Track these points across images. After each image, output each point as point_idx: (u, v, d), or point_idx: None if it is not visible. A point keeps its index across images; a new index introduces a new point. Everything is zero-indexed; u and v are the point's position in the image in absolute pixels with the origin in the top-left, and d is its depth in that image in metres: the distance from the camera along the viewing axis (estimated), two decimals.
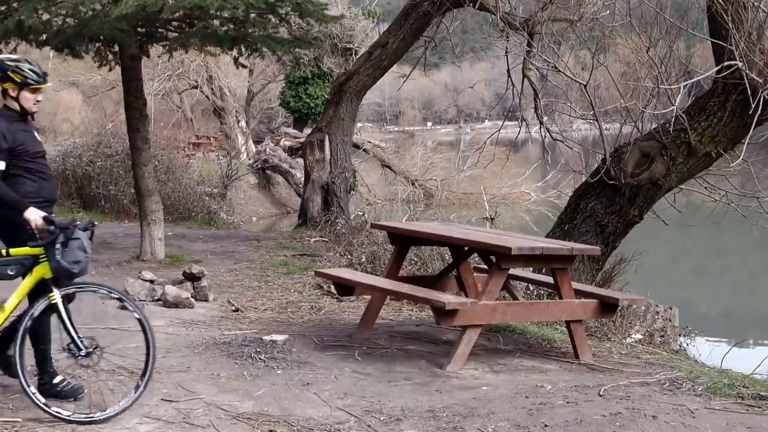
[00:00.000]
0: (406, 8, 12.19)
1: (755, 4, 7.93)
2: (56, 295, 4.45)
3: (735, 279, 17.63)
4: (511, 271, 6.19)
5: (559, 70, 9.71)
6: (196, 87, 33.12)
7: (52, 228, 4.36)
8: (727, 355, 7.19)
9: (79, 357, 4.45)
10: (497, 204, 21.12)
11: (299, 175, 22.62)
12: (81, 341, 4.46)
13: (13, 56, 4.79)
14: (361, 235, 11.42)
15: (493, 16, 10.91)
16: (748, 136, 8.26)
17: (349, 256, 9.97)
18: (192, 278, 7.67)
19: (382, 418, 4.45)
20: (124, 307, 4.89)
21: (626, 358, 6.10)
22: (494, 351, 6.05)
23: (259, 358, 5.55)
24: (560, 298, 5.96)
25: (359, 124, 30.94)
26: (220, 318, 6.89)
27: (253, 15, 8.75)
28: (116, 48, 9.70)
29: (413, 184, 24.34)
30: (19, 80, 4.61)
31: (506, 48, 11.36)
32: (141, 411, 4.48)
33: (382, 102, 74.58)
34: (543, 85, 11.61)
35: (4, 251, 4.53)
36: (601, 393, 4.93)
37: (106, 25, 7.87)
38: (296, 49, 10.06)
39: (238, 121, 33.82)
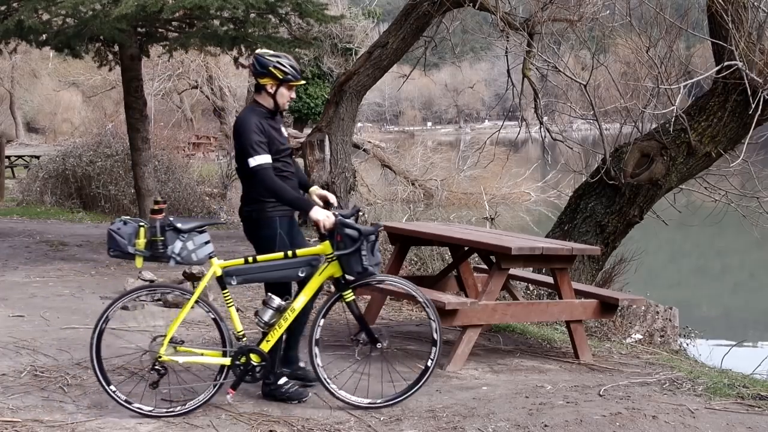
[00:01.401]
0: (406, 8, 12.18)
1: (755, 4, 7.93)
2: (350, 293, 4.59)
3: (735, 279, 17.63)
4: (511, 271, 6.19)
5: (559, 70, 9.70)
6: (196, 87, 33.19)
7: (356, 235, 4.45)
8: (727, 355, 7.20)
9: (374, 347, 4.63)
10: (497, 204, 21.13)
11: None
12: (378, 333, 4.64)
13: (270, 51, 4.73)
14: None
15: (493, 16, 10.88)
16: (748, 136, 8.26)
17: None
18: (192, 278, 7.66)
19: (382, 418, 4.45)
20: (412, 297, 4.92)
21: (626, 358, 6.10)
22: (494, 351, 6.05)
23: None
24: (560, 298, 5.96)
25: (359, 124, 30.97)
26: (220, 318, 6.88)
27: (253, 15, 8.76)
28: (116, 48, 9.72)
29: (413, 184, 24.34)
30: (280, 77, 4.64)
31: (506, 48, 11.35)
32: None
33: (382, 102, 74.64)
34: (543, 85, 11.60)
35: (290, 252, 4.60)
36: (601, 393, 4.93)
37: (106, 25, 7.88)
38: (296, 49, 10.06)
39: None
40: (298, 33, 10.43)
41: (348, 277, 4.59)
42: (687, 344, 8.36)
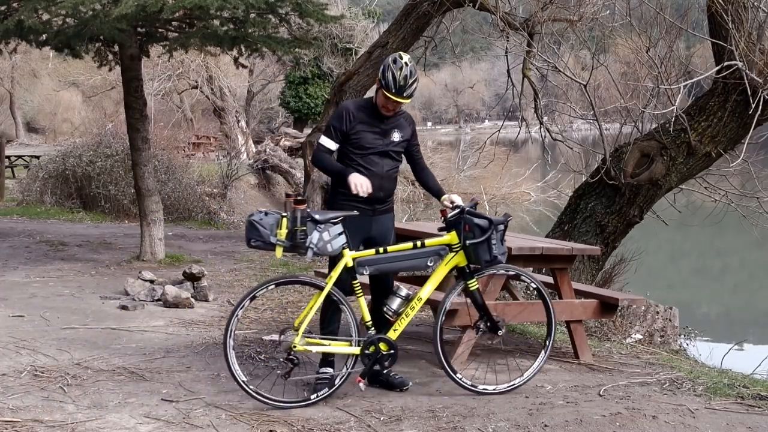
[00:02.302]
0: (406, 8, 12.18)
1: (755, 4, 7.94)
2: (475, 282, 4.81)
3: (735, 279, 17.64)
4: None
5: (559, 70, 9.70)
6: (196, 87, 33.17)
7: (486, 225, 4.66)
8: (727, 355, 7.20)
9: (495, 335, 4.92)
10: (497, 204, 21.13)
11: (299, 175, 22.63)
12: (499, 320, 4.89)
13: (405, 58, 4.75)
14: None
15: (493, 16, 10.89)
16: (748, 136, 8.26)
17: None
18: (192, 278, 7.67)
19: (382, 418, 4.45)
20: (521, 279, 5.16)
21: (626, 358, 6.10)
22: (494, 351, 6.05)
23: (259, 358, 5.55)
24: (560, 298, 5.95)
25: None
26: (220, 318, 6.89)
27: (253, 15, 8.75)
28: (116, 48, 9.70)
29: (413, 184, 24.33)
30: (381, 81, 4.73)
31: (506, 48, 11.36)
32: (141, 411, 4.48)
33: None
34: (543, 85, 11.61)
35: (419, 243, 4.76)
36: (601, 393, 4.93)
37: (106, 25, 7.87)
38: (296, 49, 10.05)
39: (238, 121, 33.85)
40: (298, 33, 10.41)
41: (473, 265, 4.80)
42: (687, 344, 8.37)
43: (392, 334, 4.73)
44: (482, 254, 4.66)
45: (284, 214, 4.51)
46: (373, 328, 4.72)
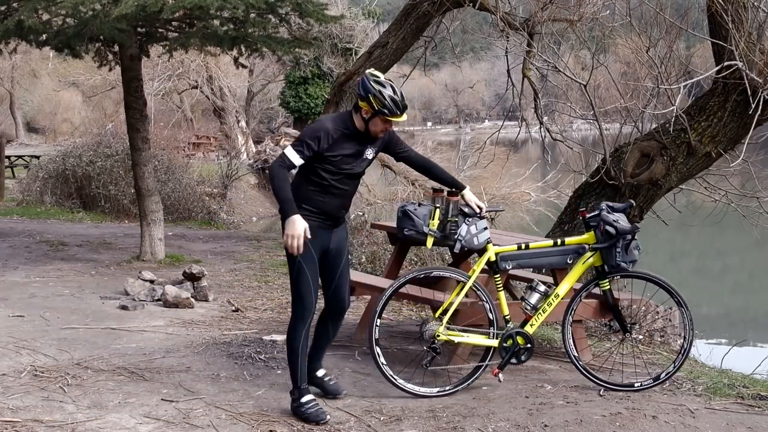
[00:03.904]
0: (406, 8, 12.17)
1: (755, 4, 7.93)
2: (607, 282, 5.02)
3: (735, 279, 17.63)
4: (511, 271, 6.17)
5: (559, 70, 9.69)
6: (196, 87, 33.17)
7: (613, 232, 4.80)
8: (727, 355, 7.19)
9: (624, 335, 5.17)
10: (497, 204, 21.09)
11: None
12: (628, 323, 5.12)
13: (382, 78, 4.47)
14: (361, 235, 11.42)
15: (493, 16, 10.88)
16: (748, 136, 8.25)
17: (348, 256, 9.97)
18: (192, 278, 7.67)
19: (382, 418, 4.45)
20: (664, 288, 5.26)
21: (626, 358, 6.09)
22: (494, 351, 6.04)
23: (259, 358, 5.56)
24: None
25: None
26: (220, 318, 6.89)
27: (253, 15, 8.75)
28: (116, 48, 9.71)
29: (413, 184, 24.32)
30: (376, 107, 4.41)
31: (506, 48, 11.35)
32: (141, 411, 4.48)
33: None
34: (543, 85, 11.59)
35: (559, 241, 4.98)
36: (601, 393, 4.93)
37: (106, 25, 7.87)
38: (296, 49, 10.06)
39: (238, 121, 33.87)
40: (298, 33, 10.41)
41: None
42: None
43: (529, 329, 4.88)
44: (609, 259, 4.86)
45: (437, 205, 4.63)
46: (511, 322, 4.87)
